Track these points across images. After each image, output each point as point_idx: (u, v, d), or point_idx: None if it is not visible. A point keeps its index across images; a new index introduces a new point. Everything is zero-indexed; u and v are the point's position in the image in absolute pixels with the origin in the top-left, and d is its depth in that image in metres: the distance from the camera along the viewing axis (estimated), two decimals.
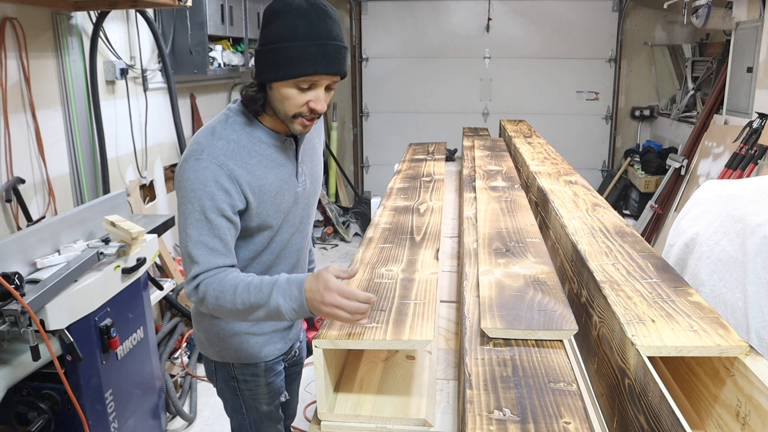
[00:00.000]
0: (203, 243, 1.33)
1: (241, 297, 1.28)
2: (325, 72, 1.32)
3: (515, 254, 1.53)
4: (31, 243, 2.11)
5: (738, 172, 3.92)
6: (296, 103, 1.34)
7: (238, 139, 1.40)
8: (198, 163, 1.34)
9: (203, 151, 1.35)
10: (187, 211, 1.34)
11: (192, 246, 1.33)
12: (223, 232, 1.35)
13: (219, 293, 1.30)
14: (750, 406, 0.92)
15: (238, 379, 1.64)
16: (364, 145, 7.16)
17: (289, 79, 1.31)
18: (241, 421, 1.72)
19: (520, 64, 6.69)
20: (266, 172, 1.42)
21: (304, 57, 1.29)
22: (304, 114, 1.37)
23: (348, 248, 6.08)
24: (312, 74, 1.31)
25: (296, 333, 1.75)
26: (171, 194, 4.26)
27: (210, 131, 1.40)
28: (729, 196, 1.60)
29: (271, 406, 1.70)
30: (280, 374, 1.70)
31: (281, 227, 1.51)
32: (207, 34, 4.05)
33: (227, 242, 1.36)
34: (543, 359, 1.08)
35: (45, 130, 2.87)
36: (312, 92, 1.34)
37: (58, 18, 2.94)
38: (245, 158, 1.39)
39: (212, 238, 1.34)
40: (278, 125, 1.45)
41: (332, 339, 1.17)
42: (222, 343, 1.60)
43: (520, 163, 2.72)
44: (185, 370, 3.40)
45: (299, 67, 1.29)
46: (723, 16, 4.46)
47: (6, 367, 1.88)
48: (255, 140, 1.42)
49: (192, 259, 1.34)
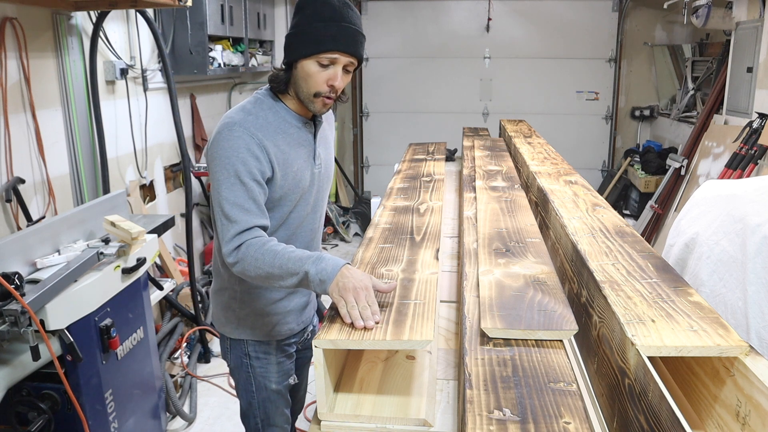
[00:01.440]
0: (238, 204, 1.44)
1: (279, 261, 1.38)
2: (344, 50, 1.48)
3: (515, 254, 1.53)
4: (31, 243, 2.11)
5: (738, 172, 3.92)
6: (317, 80, 1.50)
7: (266, 116, 1.55)
8: (231, 133, 1.48)
9: (236, 123, 1.50)
10: (221, 176, 1.46)
11: (228, 207, 1.44)
12: (255, 195, 1.47)
13: (259, 255, 1.40)
14: (750, 406, 0.92)
15: (250, 356, 1.74)
16: (364, 145, 7.16)
17: (312, 55, 1.47)
18: (250, 399, 1.78)
19: (520, 64, 6.70)
20: (290, 148, 1.57)
21: (326, 36, 1.46)
22: (323, 92, 1.52)
23: (348, 248, 6.08)
24: (332, 50, 1.47)
25: (309, 316, 1.85)
26: (171, 194, 4.27)
27: (241, 109, 1.55)
28: (729, 196, 1.60)
29: (280, 386, 1.78)
30: (291, 356, 1.81)
31: (298, 204, 1.63)
32: (207, 34, 4.05)
33: (260, 204, 1.49)
34: (543, 359, 1.08)
35: (45, 130, 2.87)
36: (331, 69, 1.50)
37: (58, 18, 2.94)
38: (272, 133, 1.53)
39: (247, 199, 1.45)
40: (300, 108, 1.60)
41: (332, 339, 1.17)
42: (238, 321, 1.71)
43: (520, 163, 2.72)
44: (185, 370, 3.40)
45: (322, 44, 1.47)
46: (723, 16, 4.46)
47: (6, 367, 1.88)
48: (281, 119, 1.57)
49: (229, 219, 1.44)
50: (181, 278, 3.90)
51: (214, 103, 4.96)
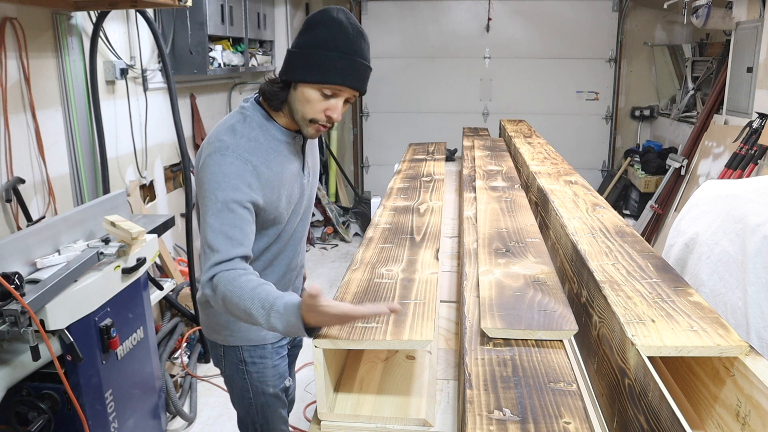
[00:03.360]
0: (223, 232, 1.39)
1: (245, 303, 1.30)
2: (351, 86, 1.45)
3: (515, 254, 1.53)
4: (31, 243, 2.10)
5: (738, 172, 3.93)
6: (316, 108, 1.45)
7: (257, 137, 1.49)
8: (224, 158, 1.42)
9: (228, 147, 1.44)
10: (209, 202, 1.41)
11: (212, 235, 1.39)
12: (243, 223, 1.42)
13: (228, 291, 1.33)
14: (750, 406, 0.92)
15: (246, 362, 1.71)
16: (364, 145, 7.16)
17: (317, 83, 1.43)
18: (247, 406, 1.76)
19: (520, 64, 6.69)
20: (281, 167, 1.53)
21: (336, 67, 1.41)
22: (320, 120, 1.48)
23: (348, 248, 6.08)
24: (339, 84, 1.43)
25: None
26: (171, 194, 4.26)
27: (230, 130, 1.49)
28: (729, 196, 1.60)
29: (277, 389, 1.76)
30: (284, 358, 1.79)
31: (290, 218, 1.62)
32: (207, 34, 4.05)
33: (247, 233, 1.43)
34: (543, 359, 1.08)
35: (45, 130, 2.87)
36: (333, 101, 1.46)
37: (58, 18, 2.94)
38: (264, 155, 1.49)
39: (233, 228, 1.40)
40: (290, 123, 1.55)
41: (332, 339, 1.17)
42: (231, 327, 1.68)
43: (520, 163, 2.72)
44: (185, 370, 3.40)
45: (329, 75, 1.42)
46: (723, 16, 4.46)
47: (6, 367, 1.88)
48: (271, 138, 1.52)
49: (212, 248, 1.39)
50: (181, 278, 3.90)
51: (214, 103, 4.96)
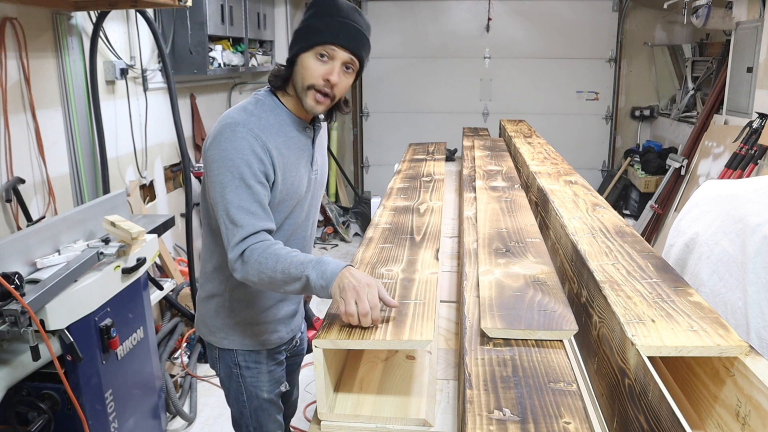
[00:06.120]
0: (244, 208, 1.40)
1: (282, 266, 1.34)
2: (343, 44, 1.45)
3: (515, 254, 1.53)
4: (31, 243, 2.10)
5: (738, 172, 3.92)
6: (314, 72, 1.46)
7: (268, 118, 1.51)
8: (234, 134, 1.43)
9: (238, 123, 1.45)
10: (226, 179, 1.41)
11: (234, 211, 1.40)
12: (261, 197, 1.43)
13: (263, 259, 1.36)
14: (750, 406, 0.92)
15: (240, 366, 1.70)
16: (364, 145, 7.16)
17: (311, 47, 1.45)
18: (241, 408, 1.75)
19: (520, 64, 6.69)
20: (290, 152, 1.53)
21: (326, 29, 1.45)
22: (317, 85, 1.47)
23: (348, 248, 6.08)
24: (330, 43, 1.44)
25: (298, 324, 1.82)
26: (171, 194, 4.26)
27: (242, 109, 1.51)
28: (729, 196, 1.60)
29: (272, 394, 1.75)
30: (281, 363, 1.78)
31: (294, 211, 1.60)
32: (207, 34, 4.05)
33: (265, 207, 1.45)
34: (543, 359, 1.08)
35: (45, 130, 2.87)
36: (329, 64, 1.46)
37: (58, 18, 2.94)
38: (274, 135, 1.50)
39: (252, 203, 1.41)
40: (300, 110, 1.56)
41: (332, 339, 1.17)
42: (227, 329, 1.67)
43: (520, 163, 2.72)
44: (185, 370, 3.40)
45: (321, 36, 1.45)
46: (723, 16, 4.45)
47: (6, 367, 1.88)
48: (281, 122, 1.53)
49: (235, 223, 1.40)
50: (181, 278, 3.90)
51: (214, 103, 4.96)
